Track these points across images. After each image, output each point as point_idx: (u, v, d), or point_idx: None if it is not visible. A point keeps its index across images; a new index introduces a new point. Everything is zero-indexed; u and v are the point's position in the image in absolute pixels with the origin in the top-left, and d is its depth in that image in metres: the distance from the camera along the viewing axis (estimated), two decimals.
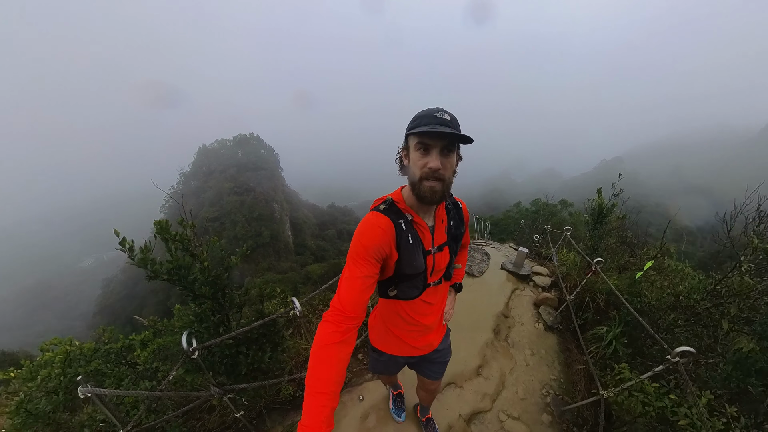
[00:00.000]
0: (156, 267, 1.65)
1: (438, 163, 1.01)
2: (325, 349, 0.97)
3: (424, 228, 1.18)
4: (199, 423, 2.60)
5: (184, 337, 1.73)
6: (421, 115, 1.03)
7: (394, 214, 1.14)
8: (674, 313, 2.35)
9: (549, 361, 3.01)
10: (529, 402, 2.56)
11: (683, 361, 1.68)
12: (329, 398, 0.91)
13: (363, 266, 1.06)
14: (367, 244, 1.07)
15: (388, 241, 1.10)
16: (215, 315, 1.95)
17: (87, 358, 2.76)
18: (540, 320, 3.55)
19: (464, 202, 1.37)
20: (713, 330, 2.13)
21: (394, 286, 1.25)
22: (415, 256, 1.17)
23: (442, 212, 1.24)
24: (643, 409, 2.04)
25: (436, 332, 1.48)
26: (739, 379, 1.90)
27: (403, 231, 1.13)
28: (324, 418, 0.89)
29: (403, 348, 1.44)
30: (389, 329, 1.41)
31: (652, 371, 1.84)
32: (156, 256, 1.91)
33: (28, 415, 2.38)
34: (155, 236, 1.96)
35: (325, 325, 1.01)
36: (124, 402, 2.42)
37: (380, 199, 1.20)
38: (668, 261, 2.85)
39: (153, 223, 1.75)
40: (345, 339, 1.00)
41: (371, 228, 1.09)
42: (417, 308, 1.32)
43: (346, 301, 1.03)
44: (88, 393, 1.66)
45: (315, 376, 0.94)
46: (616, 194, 3.59)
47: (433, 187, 1.04)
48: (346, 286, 1.05)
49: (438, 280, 1.31)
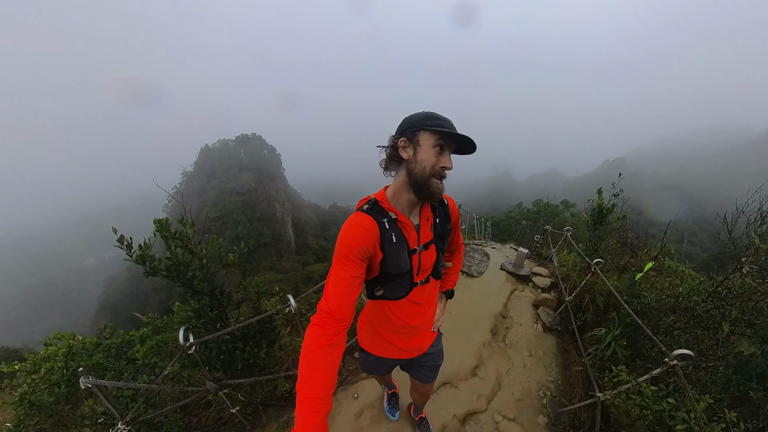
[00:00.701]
0: (155, 263, 1.65)
1: (451, 164, 1.07)
2: (314, 353, 0.96)
3: (408, 226, 1.18)
4: (196, 419, 2.62)
5: (181, 332, 1.75)
6: (436, 116, 1.05)
7: (377, 213, 1.13)
8: (674, 315, 2.33)
9: (547, 363, 3.00)
10: (525, 403, 2.55)
11: (681, 364, 1.67)
12: (321, 403, 0.90)
13: (348, 267, 1.06)
14: (350, 244, 1.07)
15: (372, 240, 1.10)
16: (213, 311, 1.96)
17: (89, 352, 2.84)
18: (539, 321, 3.53)
19: (451, 198, 1.34)
20: (714, 333, 2.11)
21: (380, 286, 1.24)
22: (399, 255, 1.16)
23: (427, 210, 1.23)
24: (640, 412, 2.02)
25: (425, 335, 1.44)
26: (740, 384, 1.88)
27: (387, 230, 1.13)
28: (316, 423, 0.88)
29: (391, 350, 1.42)
30: (377, 330, 1.39)
31: (650, 374, 1.82)
32: (156, 254, 1.93)
33: (31, 407, 2.45)
34: (154, 234, 1.98)
35: (313, 329, 1.01)
36: (124, 395, 2.45)
37: (364, 200, 1.19)
38: (669, 262, 2.82)
39: (153, 221, 1.75)
40: (334, 342, 0.99)
41: (354, 228, 1.09)
42: (404, 309, 1.30)
43: (333, 303, 1.02)
44: (89, 384, 1.70)
45: (306, 381, 0.93)
46: (616, 194, 3.57)
47: (440, 185, 1.09)
48: (332, 288, 1.05)
49: (425, 279, 1.29)
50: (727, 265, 2.63)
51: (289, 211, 60.44)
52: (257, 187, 56.08)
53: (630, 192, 4.02)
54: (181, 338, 1.74)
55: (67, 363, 2.67)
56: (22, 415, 2.48)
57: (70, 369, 2.65)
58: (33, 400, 2.44)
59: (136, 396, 2.44)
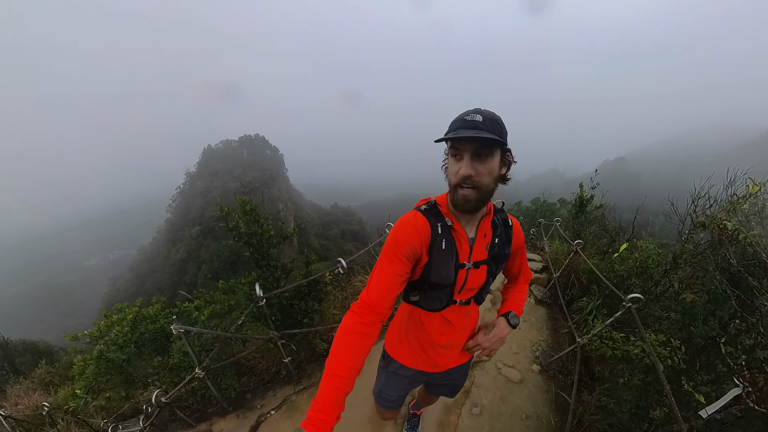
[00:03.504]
0: (242, 231, 2.23)
1: (469, 170, 0.97)
2: (348, 337, 1.00)
3: (462, 237, 1.12)
4: (248, 373, 3.16)
5: (257, 286, 2.30)
6: (455, 120, 1.01)
7: (433, 216, 1.11)
8: (637, 278, 2.90)
9: (538, 327, 3.57)
10: (522, 356, 3.12)
11: (635, 306, 2.23)
12: (344, 382, 0.94)
13: (394, 263, 1.07)
14: (400, 240, 1.07)
15: (422, 241, 1.08)
16: (276, 273, 2.53)
17: (153, 319, 3.27)
18: (531, 296, 4.11)
19: (517, 221, 1.27)
20: (667, 288, 2.68)
21: (418, 292, 1.21)
22: (444, 264, 1.11)
23: (487, 226, 1.15)
24: (612, 353, 2.59)
25: (452, 357, 1.35)
26: (685, 324, 2.44)
27: (439, 235, 1.09)
28: (336, 399, 0.91)
29: (415, 360, 1.35)
30: (404, 335, 1.35)
31: (613, 317, 2.40)
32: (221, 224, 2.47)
33: (107, 362, 2.88)
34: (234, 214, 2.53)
35: (351, 315, 1.04)
36: (199, 343, 2.86)
37: (424, 200, 1.17)
38: (640, 242, 3.40)
39: (236, 199, 2.33)
40: (368, 331, 1.02)
41: (406, 226, 1.09)
42: (435, 324, 1.25)
43: (374, 295, 1.04)
44: (180, 329, 2.12)
45: (334, 360, 0.97)
46: (593, 187, 4.18)
47: (467, 195, 1.00)
48: (376, 280, 1.07)
49: (466, 300, 1.22)
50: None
51: (292, 211, 61.13)
52: (260, 187, 56.72)
53: (632, 191, 4.57)
54: (258, 291, 2.28)
55: (133, 328, 3.11)
56: (101, 369, 2.90)
57: (137, 332, 3.09)
58: (108, 356, 2.87)
59: (207, 346, 2.89)
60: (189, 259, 46.17)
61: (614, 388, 2.38)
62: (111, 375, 3.03)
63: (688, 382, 1.92)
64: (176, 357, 2.80)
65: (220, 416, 2.62)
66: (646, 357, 2.22)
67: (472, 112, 0.98)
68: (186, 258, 46.46)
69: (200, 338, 3.00)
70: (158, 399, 2.10)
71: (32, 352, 8.11)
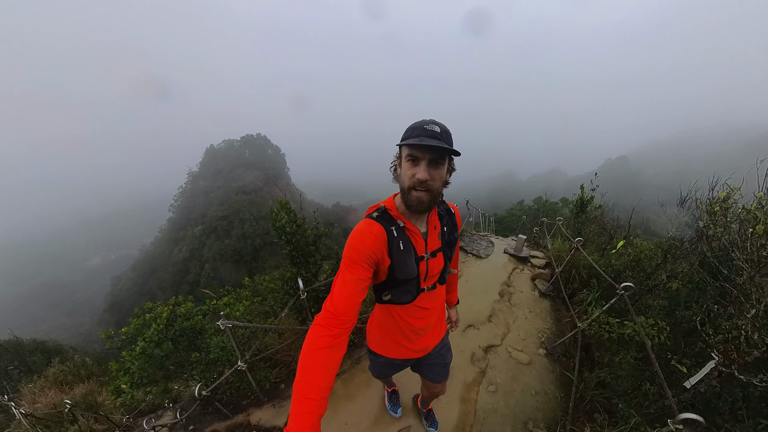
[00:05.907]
0: (286, 230, 2.55)
1: (425, 174, 1.05)
2: (314, 354, 0.96)
3: (416, 234, 1.22)
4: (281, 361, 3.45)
5: (300, 281, 2.61)
6: (413, 127, 1.07)
7: (386, 221, 1.18)
8: (630, 271, 3.25)
9: (543, 317, 3.91)
10: (529, 341, 3.46)
11: (627, 294, 2.56)
12: (316, 405, 0.89)
13: (356, 270, 1.10)
14: (359, 248, 1.12)
15: (380, 246, 1.15)
16: (313, 268, 2.87)
17: (186, 317, 3.44)
18: (536, 289, 4.45)
19: (456, 207, 1.40)
20: (659, 281, 3.02)
21: (388, 291, 1.29)
22: (406, 262, 1.20)
23: (434, 219, 1.28)
24: (609, 336, 2.92)
25: (432, 335, 1.50)
26: (671, 309, 2.78)
27: (395, 237, 1.17)
28: (311, 425, 0.86)
29: (399, 350, 1.47)
30: (385, 333, 1.45)
31: (609, 303, 2.73)
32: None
33: (148, 359, 3.07)
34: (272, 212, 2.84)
35: (316, 329, 1.01)
36: (241, 336, 3.02)
37: (373, 207, 1.24)
38: (636, 240, 3.73)
39: (277, 200, 2.65)
40: (335, 344, 0.99)
41: (364, 234, 1.15)
42: (411, 312, 1.36)
43: (338, 303, 1.05)
44: (228, 325, 2.22)
45: (303, 381, 0.92)
46: (593, 189, 4.51)
47: (420, 197, 1.09)
48: (339, 289, 1.08)
49: (432, 285, 1.34)
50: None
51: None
52: (263, 187, 57.01)
53: (633, 191, 4.90)
54: (301, 285, 2.59)
55: (168, 325, 3.27)
56: (144, 365, 3.08)
57: (171, 330, 3.23)
58: (150, 352, 3.04)
59: (248, 340, 3.05)
60: (191, 258, 46.55)
61: (611, 365, 2.72)
62: (153, 370, 3.23)
63: (674, 357, 2.25)
64: (214, 352, 2.90)
65: (256, 407, 2.68)
66: (636, 335, 2.56)
67: (429, 122, 1.07)
68: (189, 257, 46.84)
69: (235, 332, 3.27)
70: (200, 392, 2.17)
71: (42, 351, 8.22)
